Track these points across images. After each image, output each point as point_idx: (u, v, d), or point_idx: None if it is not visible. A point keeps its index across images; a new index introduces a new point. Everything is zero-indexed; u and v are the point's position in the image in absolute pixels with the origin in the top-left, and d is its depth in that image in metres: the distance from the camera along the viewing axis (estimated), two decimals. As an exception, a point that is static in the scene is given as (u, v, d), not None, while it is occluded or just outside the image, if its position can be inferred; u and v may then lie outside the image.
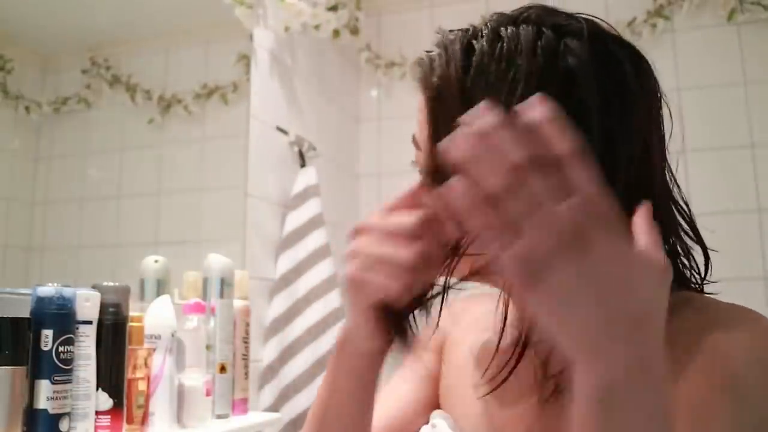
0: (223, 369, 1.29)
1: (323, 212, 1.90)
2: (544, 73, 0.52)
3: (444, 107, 0.55)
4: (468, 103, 0.43)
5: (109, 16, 1.52)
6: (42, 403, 0.88)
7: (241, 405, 1.34)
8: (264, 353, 1.74)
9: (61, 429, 0.89)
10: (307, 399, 1.69)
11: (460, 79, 0.54)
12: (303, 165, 1.95)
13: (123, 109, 1.53)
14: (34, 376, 0.88)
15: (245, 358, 1.37)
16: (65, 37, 1.44)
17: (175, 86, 1.63)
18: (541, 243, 0.36)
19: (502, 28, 0.55)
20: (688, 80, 2.09)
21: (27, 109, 1.27)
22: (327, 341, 1.75)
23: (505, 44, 0.53)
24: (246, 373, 1.37)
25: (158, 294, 1.25)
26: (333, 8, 2.10)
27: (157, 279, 1.30)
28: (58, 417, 0.89)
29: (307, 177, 1.92)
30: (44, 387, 0.88)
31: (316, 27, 2.05)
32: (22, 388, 0.87)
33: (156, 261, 1.31)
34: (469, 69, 0.54)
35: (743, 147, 2.02)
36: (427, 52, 0.59)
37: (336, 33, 2.11)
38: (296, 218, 1.86)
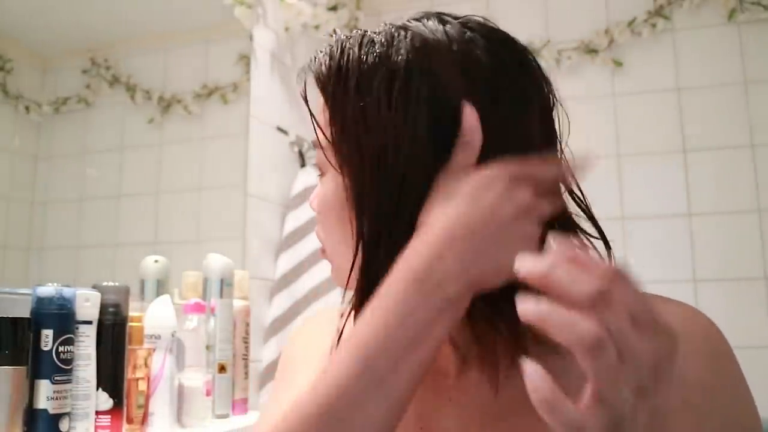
0: (223, 369, 1.29)
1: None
2: (464, 60, 0.51)
3: (343, 95, 0.52)
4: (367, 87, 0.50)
5: (109, 16, 1.52)
6: (42, 403, 0.88)
7: (241, 405, 1.34)
8: (264, 353, 1.74)
9: (61, 429, 0.89)
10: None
11: (360, 66, 0.52)
12: (303, 165, 1.96)
13: (123, 109, 1.53)
14: (34, 376, 0.88)
15: (245, 358, 1.37)
16: (65, 37, 1.44)
17: (175, 86, 1.63)
18: (623, 393, 0.35)
19: (408, 22, 0.54)
20: (688, 80, 2.09)
21: (27, 109, 1.27)
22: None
23: (410, 32, 0.52)
24: (246, 373, 1.37)
25: (158, 294, 1.25)
26: (333, 8, 2.11)
27: (157, 279, 1.30)
28: (58, 417, 0.89)
29: (307, 177, 1.92)
30: (44, 387, 0.88)
31: (316, 27, 2.05)
32: (22, 388, 0.87)
33: (156, 261, 1.31)
34: (368, 56, 0.52)
35: (743, 147, 2.02)
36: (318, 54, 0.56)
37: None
38: (296, 218, 1.86)
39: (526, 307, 0.36)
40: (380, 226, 0.50)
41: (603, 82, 2.16)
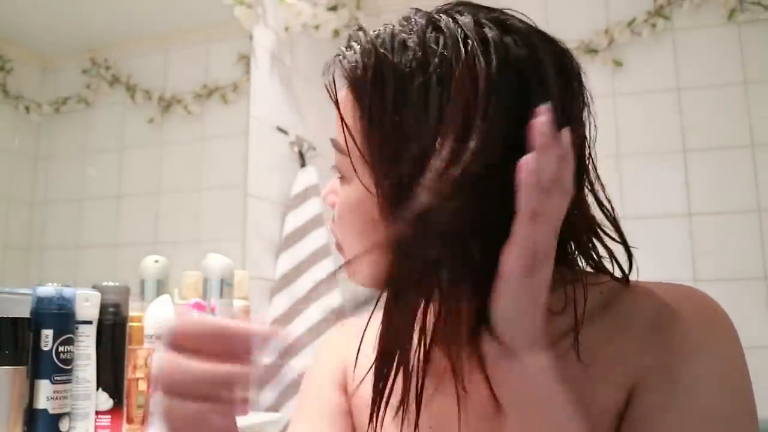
0: (223, 369, 1.29)
1: (323, 212, 1.90)
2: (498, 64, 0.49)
3: (382, 99, 0.51)
4: (404, 92, 0.49)
5: (109, 16, 1.52)
6: (42, 403, 0.88)
7: (240, 405, 1.34)
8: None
9: (61, 429, 0.89)
10: (307, 399, 1.69)
11: (401, 68, 0.50)
12: (303, 165, 1.95)
13: (123, 109, 1.53)
14: (34, 376, 0.88)
15: (245, 358, 1.37)
16: (65, 37, 1.44)
17: (175, 86, 1.63)
18: (551, 242, 0.46)
19: (437, 17, 0.51)
20: (688, 80, 2.09)
21: (27, 109, 1.27)
22: (327, 341, 1.75)
23: (447, 33, 0.49)
24: (246, 373, 1.37)
25: (158, 294, 1.25)
26: (333, 8, 2.11)
27: (157, 279, 1.30)
28: (58, 417, 0.89)
29: (307, 177, 1.92)
30: (44, 387, 0.88)
31: (316, 27, 2.05)
32: (22, 388, 0.87)
33: (156, 261, 1.31)
34: (402, 60, 0.50)
35: (743, 147, 2.02)
36: (345, 49, 0.55)
37: (336, 33, 2.11)
38: (296, 218, 1.86)
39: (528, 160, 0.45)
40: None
41: (603, 82, 2.16)
